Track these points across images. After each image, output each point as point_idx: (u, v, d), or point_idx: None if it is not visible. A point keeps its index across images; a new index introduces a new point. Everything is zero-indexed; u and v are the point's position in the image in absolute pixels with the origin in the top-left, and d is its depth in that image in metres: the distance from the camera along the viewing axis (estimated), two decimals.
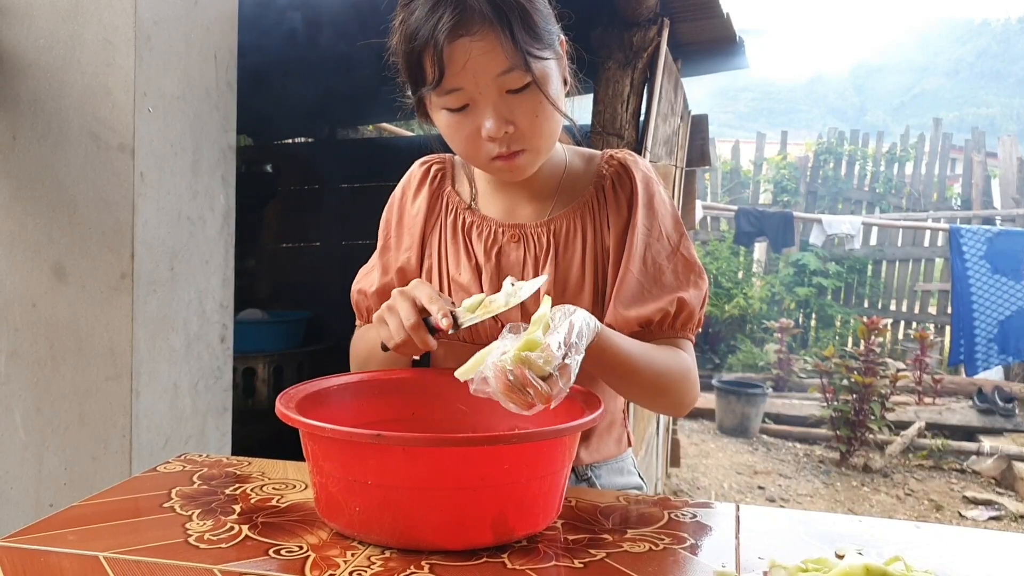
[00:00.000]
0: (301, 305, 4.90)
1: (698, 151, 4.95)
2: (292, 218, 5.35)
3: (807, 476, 5.71)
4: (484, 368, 1.05)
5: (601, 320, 1.34)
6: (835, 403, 5.97)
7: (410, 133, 5.77)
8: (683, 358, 1.31)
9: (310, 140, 5.56)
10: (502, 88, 1.19)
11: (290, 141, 5.65)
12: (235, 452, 2.17)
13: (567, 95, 1.31)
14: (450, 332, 1.14)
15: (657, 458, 4.75)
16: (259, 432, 4.03)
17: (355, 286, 1.52)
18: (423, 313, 1.15)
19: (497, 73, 1.17)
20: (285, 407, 1.03)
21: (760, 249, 9.79)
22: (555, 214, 1.38)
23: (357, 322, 1.54)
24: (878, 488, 5.52)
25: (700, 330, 1.39)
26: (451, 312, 1.13)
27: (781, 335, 7.85)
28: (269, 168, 5.04)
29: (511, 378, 0.99)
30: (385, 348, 1.19)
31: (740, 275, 10.15)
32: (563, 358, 1.00)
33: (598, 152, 1.46)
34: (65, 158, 1.80)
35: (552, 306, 1.16)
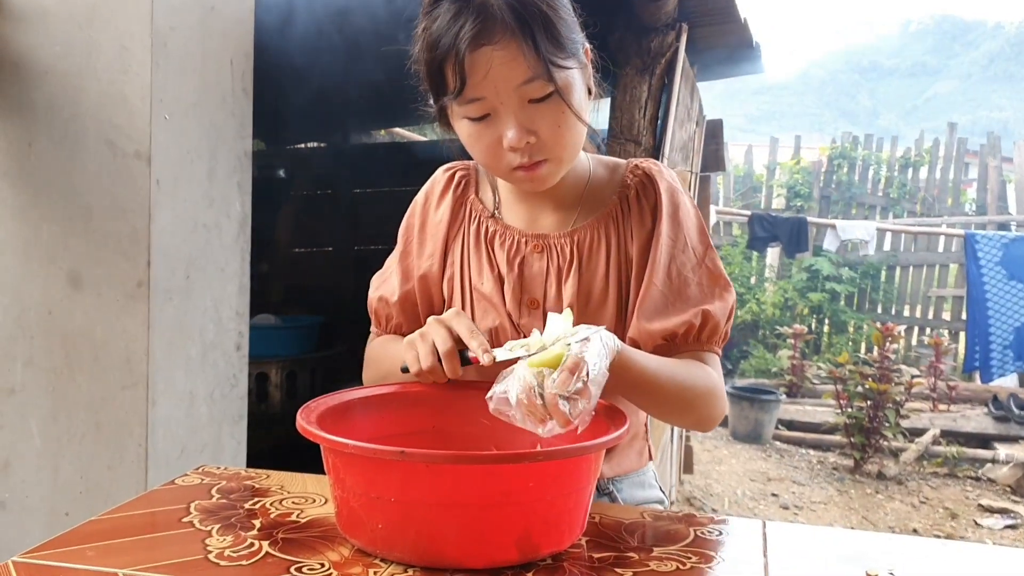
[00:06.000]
0: (314, 310, 4.89)
1: (712, 156, 4.94)
2: (305, 223, 5.35)
3: (821, 483, 5.67)
4: (506, 382, 1.04)
5: (624, 333, 1.33)
6: (849, 410, 5.92)
7: (423, 138, 5.76)
8: (708, 372, 1.29)
9: (323, 145, 5.56)
10: (524, 97, 1.17)
11: (302, 146, 5.65)
12: (249, 458, 2.16)
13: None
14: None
15: (671, 465, 4.72)
16: (272, 437, 4.03)
17: (373, 292, 1.50)
18: (459, 345, 1.14)
19: (519, 82, 1.16)
20: (306, 421, 1.01)
21: (773, 254, 9.75)
22: (579, 224, 1.36)
23: (373, 329, 1.52)
24: (892, 496, 5.48)
25: (726, 343, 1.37)
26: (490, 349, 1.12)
27: (795, 341, 7.80)
28: (282, 173, 5.04)
29: (535, 396, 0.98)
30: (405, 371, 1.18)
31: (753, 280, 10.12)
32: (583, 381, 0.99)
33: (622, 161, 1.44)
34: (81, 165, 1.79)
35: (571, 314, 1.15)
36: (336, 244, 5.33)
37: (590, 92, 1.28)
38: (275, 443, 4.00)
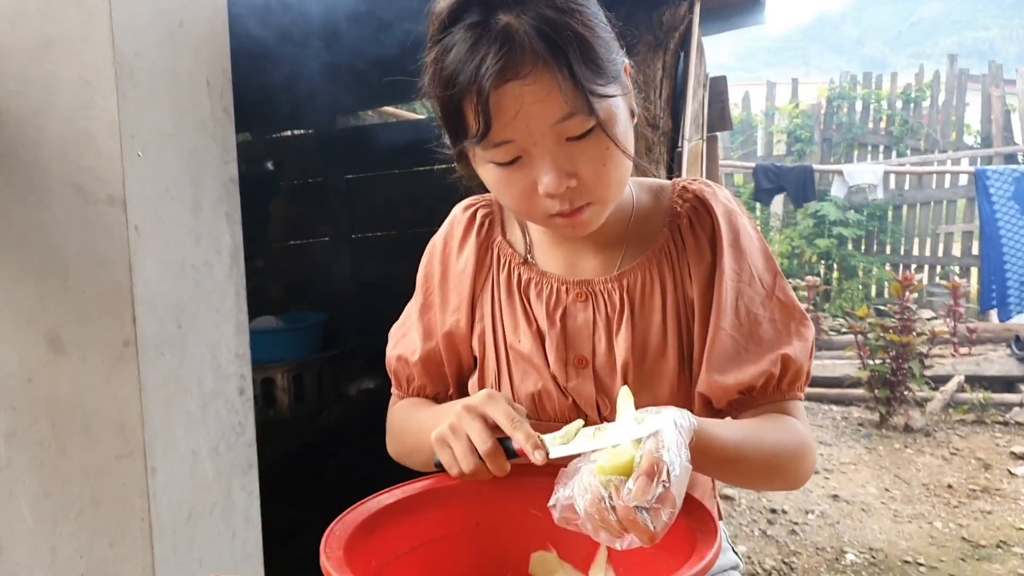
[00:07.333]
0: (314, 305, 4.71)
1: (718, 115, 4.71)
2: (298, 214, 5.15)
3: (848, 442, 5.53)
4: (571, 486, 0.86)
5: (688, 387, 1.15)
6: (871, 363, 5.76)
7: (413, 115, 5.52)
8: (794, 427, 1.11)
9: (310, 131, 5.33)
10: (561, 136, 0.98)
11: (289, 133, 5.42)
12: (261, 475, 1.99)
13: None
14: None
15: None
16: (283, 448, 3.88)
17: (391, 350, 1.32)
18: (497, 433, 0.95)
19: (555, 120, 0.96)
20: (332, 561, 0.83)
21: (777, 202, 9.54)
22: (626, 266, 1.17)
23: (394, 391, 1.34)
24: (922, 449, 5.34)
25: (808, 382, 1.19)
26: (540, 439, 0.93)
27: (808, 294, 7.61)
28: (270, 165, 4.84)
29: (612, 517, 0.80)
30: (439, 466, 1.00)
31: (758, 228, 9.93)
32: (664, 484, 0.81)
33: (667, 183, 1.25)
34: (50, 216, 1.59)
35: (630, 394, 0.96)
36: (332, 234, 5.13)
37: (633, 115, 1.08)
38: (289, 453, 3.85)
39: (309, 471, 3.75)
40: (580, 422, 0.94)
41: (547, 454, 0.92)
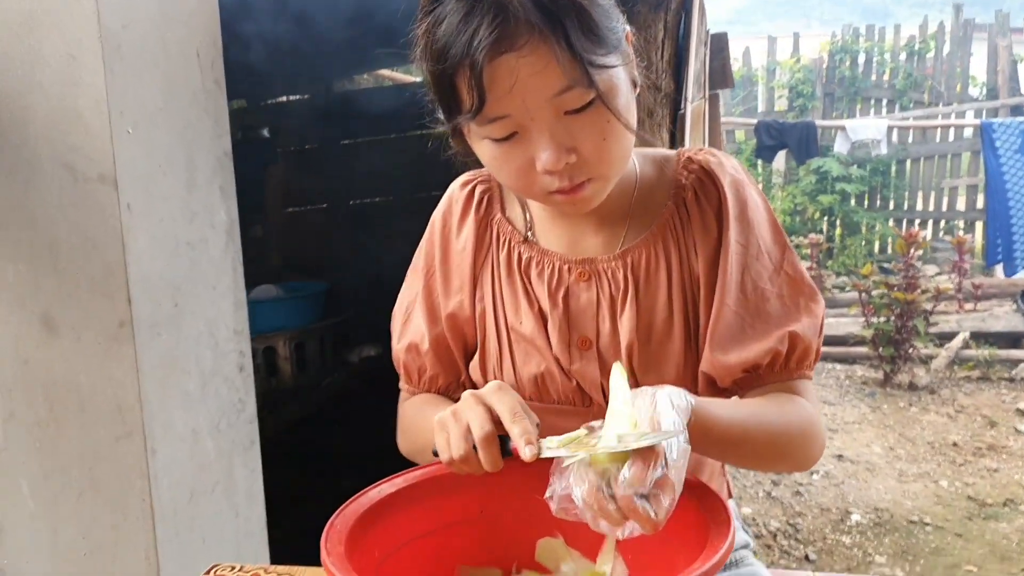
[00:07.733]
0: (314, 273, 4.67)
1: (719, 71, 4.63)
2: (295, 181, 5.09)
3: (852, 401, 5.52)
4: (565, 477, 0.84)
5: (696, 366, 1.12)
6: (875, 321, 5.72)
7: (409, 78, 5.44)
8: (801, 407, 1.08)
9: (305, 96, 5.25)
10: (559, 109, 0.94)
11: (285, 99, 5.34)
12: (266, 447, 1.98)
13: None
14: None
15: None
16: (287, 416, 3.87)
17: (398, 342, 1.27)
18: (500, 429, 0.92)
19: (552, 93, 0.92)
20: (335, 562, 0.81)
21: (779, 158, 9.44)
22: (630, 242, 1.13)
23: (403, 386, 1.31)
24: (927, 407, 5.33)
25: (818, 361, 1.15)
26: (537, 439, 0.89)
27: (811, 251, 7.56)
28: (266, 132, 4.78)
29: (605, 499, 0.78)
30: (437, 455, 0.97)
31: (760, 187, 9.85)
32: (662, 468, 0.78)
33: (672, 153, 1.21)
34: (39, 196, 1.56)
35: (623, 370, 0.93)
36: (330, 201, 5.08)
37: (635, 85, 1.04)
38: (292, 421, 3.84)
39: (312, 439, 3.74)
40: (583, 431, 0.90)
41: (539, 452, 0.88)
